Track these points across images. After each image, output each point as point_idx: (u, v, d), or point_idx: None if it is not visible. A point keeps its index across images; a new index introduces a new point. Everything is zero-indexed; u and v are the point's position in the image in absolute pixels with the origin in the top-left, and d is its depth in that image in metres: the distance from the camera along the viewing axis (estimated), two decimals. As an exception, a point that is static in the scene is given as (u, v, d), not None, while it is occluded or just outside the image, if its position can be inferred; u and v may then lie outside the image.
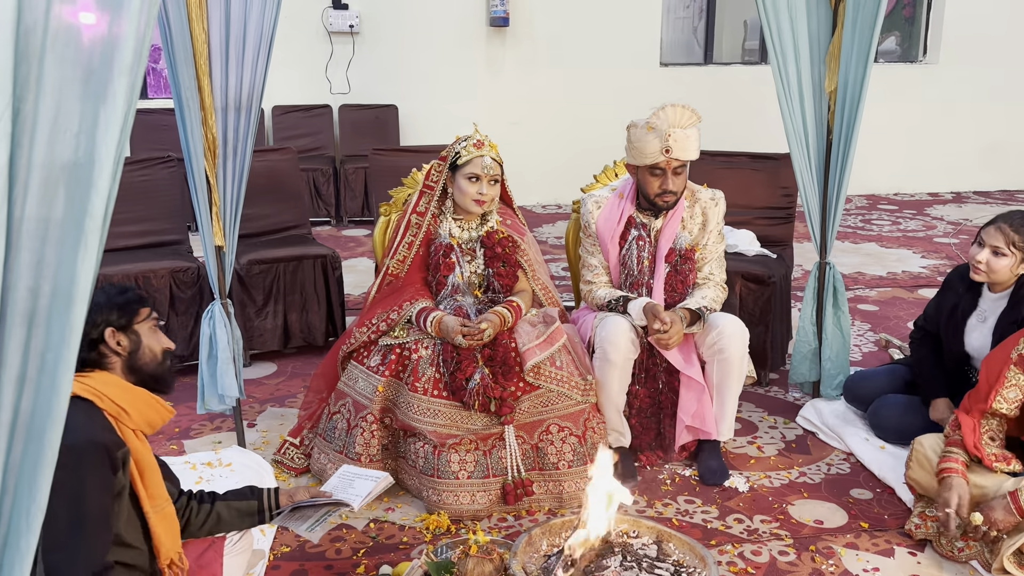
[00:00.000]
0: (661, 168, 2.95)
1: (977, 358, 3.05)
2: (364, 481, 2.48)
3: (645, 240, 3.10)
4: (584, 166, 4.40)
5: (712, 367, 3.05)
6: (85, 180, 1.12)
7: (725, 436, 3.13)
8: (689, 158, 2.94)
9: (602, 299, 3.11)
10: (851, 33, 3.19)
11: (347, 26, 7.46)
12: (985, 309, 3.02)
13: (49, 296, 1.13)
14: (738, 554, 2.64)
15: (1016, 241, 2.82)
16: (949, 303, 3.13)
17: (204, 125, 2.89)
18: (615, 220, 3.11)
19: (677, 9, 9.27)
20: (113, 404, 1.83)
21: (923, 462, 2.71)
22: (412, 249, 3.10)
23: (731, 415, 3.12)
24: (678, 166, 2.95)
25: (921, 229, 7.18)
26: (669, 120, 2.88)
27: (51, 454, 1.15)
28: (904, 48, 8.98)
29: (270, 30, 2.96)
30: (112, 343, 1.92)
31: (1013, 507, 2.44)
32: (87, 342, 1.87)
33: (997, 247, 2.84)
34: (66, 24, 1.11)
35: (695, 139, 2.93)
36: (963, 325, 3.07)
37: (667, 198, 3.02)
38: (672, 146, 2.88)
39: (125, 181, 4.17)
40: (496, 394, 2.79)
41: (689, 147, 2.91)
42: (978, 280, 2.94)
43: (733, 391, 3.08)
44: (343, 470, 2.53)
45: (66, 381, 1.14)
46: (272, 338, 4.19)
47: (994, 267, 2.86)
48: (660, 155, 2.90)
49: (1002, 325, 2.92)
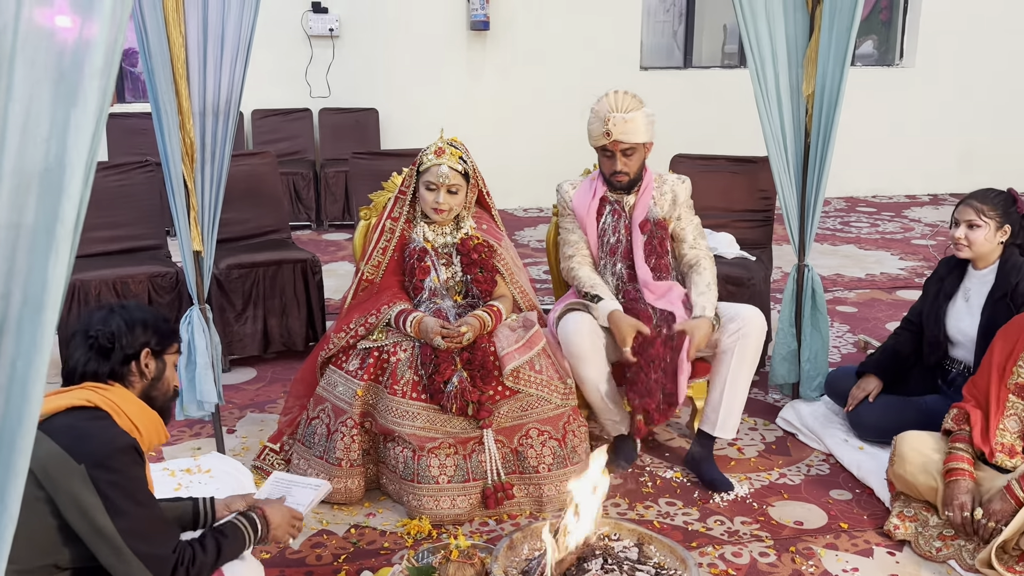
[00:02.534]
0: (609, 150, 3.06)
1: (959, 343, 3.09)
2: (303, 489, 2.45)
3: (620, 213, 3.16)
4: (564, 170, 4.40)
5: (731, 355, 3.03)
6: (56, 185, 1.11)
7: (730, 434, 3.11)
8: (632, 141, 3.03)
9: (582, 283, 3.14)
10: (828, 37, 3.21)
11: (327, 30, 7.44)
12: (969, 288, 3.08)
13: (20, 303, 1.12)
14: (719, 556, 2.64)
15: (985, 210, 2.95)
16: (933, 289, 3.20)
17: (182, 129, 2.87)
18: (589, 197, 3.20)
19: (657, 13, 9.31)
20: (129, 421, 1.89)
21: (905, 458, 2.74)
22: (386, 254, 3.09)
23: (739, 411, 3.10)
24: (625, 148, 3.04)
25: (899, 231, 7.25)
26: (609, 105, 3.02)
27: (22, 463, 1.13)
28: (881, 52, 9.06)
29: (248, 34, 2.95)
30: (143, 363, 1.97)
31: (1010, 497, 2.49)
32: (122, 355, 1.93)
33: (970, 220, 2.97)
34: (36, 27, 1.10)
35: (638, 123, 3.01)
36: (945, 306, 3.11)
37: (619, 178, 3.11)
38: (612, 129, 3.00)
39: (102, 186, 4.20)
40: (474, 398, 2.79)
41: (630, 130, 3.01)
42: (963, 256, 3.03)
43: (744, 382, 3.07)
44: (276, 477, 2.50)
45: (37, 389, 1.13)
46: (252, 343, 4.16)
47: (973, 239, 2.97)
48: (603, 138, 3.04)
49: (991, 302, 2.98)
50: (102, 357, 1.92)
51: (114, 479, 1.77)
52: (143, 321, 1.98)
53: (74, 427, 1.81)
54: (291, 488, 2.48)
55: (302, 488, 2.52)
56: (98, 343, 1.92)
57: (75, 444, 1.77)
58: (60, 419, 1.82)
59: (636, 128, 3.01)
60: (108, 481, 1.76)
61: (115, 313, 1.97)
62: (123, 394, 1.93)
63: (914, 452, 2.73)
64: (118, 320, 1.95)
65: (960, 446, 2.65)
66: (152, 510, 1.87)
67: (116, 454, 1.79)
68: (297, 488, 2.52)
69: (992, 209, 2.94)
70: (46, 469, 1.76)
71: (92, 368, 1.92)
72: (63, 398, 1.87)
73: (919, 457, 2.72)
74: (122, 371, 1.95)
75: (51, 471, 1.76)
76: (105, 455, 1.78)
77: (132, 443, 1.85)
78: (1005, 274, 2.96)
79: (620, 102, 3.02)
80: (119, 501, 1.77)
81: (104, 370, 1.92)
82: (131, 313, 1.99)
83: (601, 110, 3.03)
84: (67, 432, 1.79)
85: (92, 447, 1.78)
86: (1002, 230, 2.95)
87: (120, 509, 1.77)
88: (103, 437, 1.81)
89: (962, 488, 2.58)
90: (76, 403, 1.85)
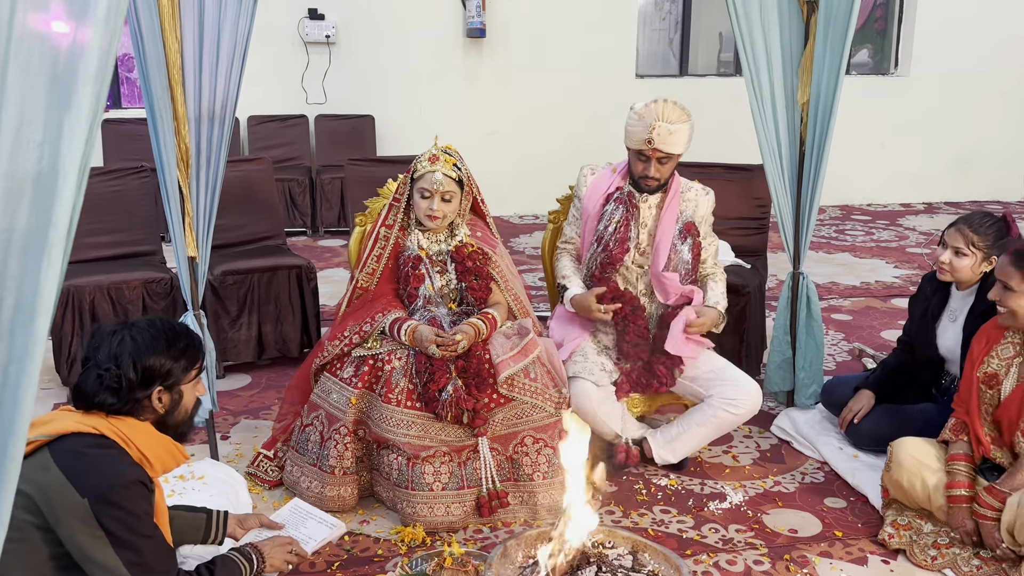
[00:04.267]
0: (645, 155, 3.07)
1: (950, 359, 3.11)
2: (319, 525, 2.45)
3: (624, 202, 3.17)
4: (560, 177, 4.41)
5: (709, 412, 3.09)
6: (49, 190, 1.11)
7: (666, 460, 3.17)
8: (671, 151, 3.04)
9: (557, 273, 3.28)
10: (823, 46, 3.22)
11: (323, 36, 7.44)
12: (955, 308, 3.08)
13: (12, 308, 1.11)
14: (713, 564, 2.64)
15: (975, 241, 2.91)
16: (920, 309, 3.20)
17: (177, 135, 2.87)
18: (603, 188, 3.22)
19: (653, 21, 9.34)
20: (138, 452, 1.88)
21: (900, 465, 2.74)
22: (380, 262, 3.08)
23: (683, 455, 3.18)
24: (661, 156, 3.05)
25: (894, 239, 7.26)
26: (657, 113, 3.01)
27: (13, 469, 1.13)
28: (876, 60, 9.10)
29: (244, 40, 2.95)
30: (155, 401, 1.95)
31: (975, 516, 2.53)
32: (133, 397, 1.90)
33: (958, 247, 2.94)
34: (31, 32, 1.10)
35: (681, 135, 3.02)
36: (934, 327, 3.12)
37: (649, 183, 3.13)
38: (654, 138, 3.00)
39: (98, 191, 4.20)
40: (469, 406, 2.78)
41: (671, 141, 3.02)
42: (943, 280, 3.03)
43: (706, 440, 3.19)
44: (295, 504, 2.49)
45: (29, 395, 1.12)
46: (246, 349, 4.15)
47: (956, 267, 2.95)
48: (644, 144, 3.03)
49: (971, 319, 2.98)
50: (113, 394, 1.88)
51: (118, 514, 1.77)
52: (154, 355, 1.91)
53: (80, 455, 1.79)
54: (307, 520, 2.48)
55: (318, 523, 2.52)
56: (107, 382, 1.87)
57: (80, 476, 1.75)
58: (68, 443, 1.80)
59: (678, 140, 3.03)
60: (111, 516, 1.76)
61: (124, 345, 1.89)
62: (133, 426, 1.90)
63: (910, 458, 2.73)
64: (126, 357, 1.88)
65: (960, 467, 2.65)
66: (156, 541, 1.86)
67: (120, 489, 1.78)
68: (313, 522, 2.52)
69: (983, 240, 2.90)
70: (49, 499, 1.75)
71: (102, 401, 1.88)
72: (71, 421, 1.84)
73: (915, 464, 2.72)
74: (134, 408, 1.92)
75: (54, 502, 1.74)
76: (109, 489, 1.77)
77: (138, 477, 1.84)
78: (985, 293, 2.96)
79: (668, 112, 3.00)
80: (123, 535, 1.77)
81: (116, 406, 1.89)
82: (140, 347, 1.90)
83: (648, 116, 3.00)
84: (73, 460, 1.77)
85: (96, 481, 1.76)
86: (987, 262, 2.92)
87: (125, 542, 1.77)
88: (108, 471, 1.80)
89: (966, 514, 2.60)
90: (84, 429, 1.83)
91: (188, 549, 2.24)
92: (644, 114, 3.02)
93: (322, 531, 2.41)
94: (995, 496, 2.53)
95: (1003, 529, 2.50)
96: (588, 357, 3.10)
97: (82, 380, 1.90)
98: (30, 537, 1.76)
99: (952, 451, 2.70)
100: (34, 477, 1.73)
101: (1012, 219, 2.97)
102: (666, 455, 3.16)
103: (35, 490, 1.74)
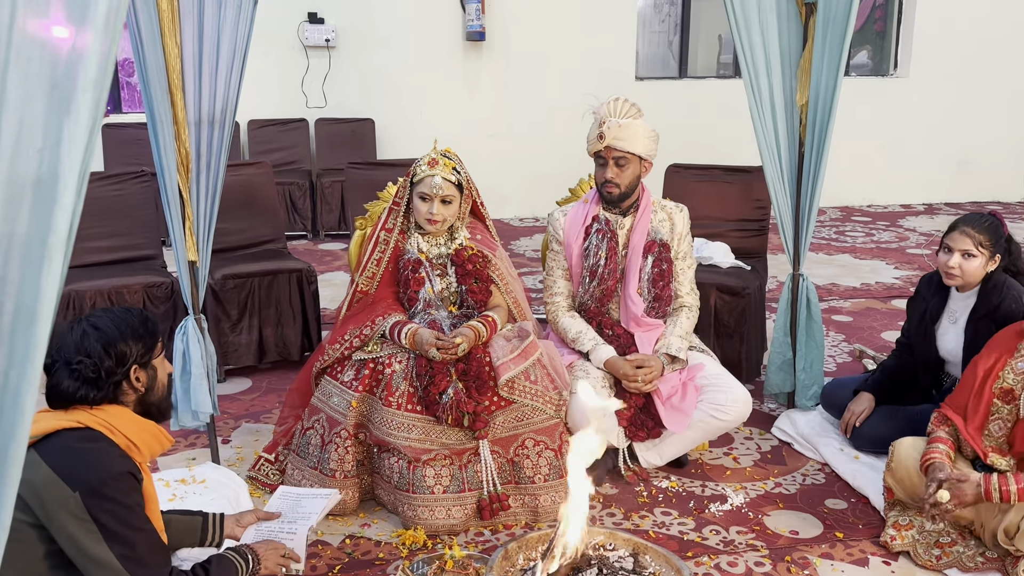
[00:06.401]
0: (603, 157, 3.06)
1: (951, 361, 3.11)
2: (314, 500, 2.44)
3: (605, 232, 3.14)
4: (560, 179, 4.41)
5: (697, 416, 3.07)
6: (49, 196, 1.11)
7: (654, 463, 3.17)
8: (625, 149, 3.02)
9: (566, 335, 3.19)
10: (821, 47, 3.23)
11: (323, 40, 7.45)
12: (955, 310, 3.08)
13: (12, 313, 1.11)
14: (714, 566, 2.64)
15: (983, 241, 2.90)
16: (918, 311, 3.19)
17: (177, 139, 2.87)
18: (580, 221, 3.20)
19: (652, 23, 9.35)
20: (125, 439, 1.88)
21: (902, 463, 2.73)
22: (380, 266, 3.09)
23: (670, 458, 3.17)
24: (618, 156, 3.03)
25: (894, 240, 7.26)
26: (607, 110, 3.04)
27: (14, 473, 1.13)
28: (875, 62, 9.10)
29: (244, 44, 2.95)
30: (133, 380, 1.94)
31: (982, 488, 2.46)
32: (111, 381, 1.89)
33: (967, 250, 2.91)
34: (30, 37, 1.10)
35: (632, 131, 3.01)
36: (934, 329, 3.12)
37: (610, 188, 3.09)
38: (605, 132, 3.00)
39: (98, 196, 4.20)
40: (469, 408, 2.78)
41: (623, 136, 3.00)
42: (952, 284, 3.00)
43: (693, 444, 3.20)
44: (283, 491, 2.49)
45: (30, 400, 1.12)
46: (247, 353, 4.16)
47: (967, 270, 2.92)
48: (597, 142, 3.03)
49: (973, 320, 2.98)
50: (91, 385, 1.87)
51: (109, 507, 1.76)
52: (120, 337, 1.91)
53: (69, 450, 1.78)
54: (300, 500, 2.47)
55: (311, 499, 2.51)
56: (83, 375, 1.86)
57: (69, 470, 1.75)
58: (55, 440, 1.80)
59: (631, 136, 3.01)
60: (103, 509, 1.75)
61: (88, 335, 1.88)
62: (116, 412, 1.90)
63: (910, 459, 2.73)
64: (94, 344, 1.87)
65: (938, 444, 2.62)
66: (148, 534, 1.86)
67: (111, 481, 1.78)
68: (306, 499, 2.51)
69: (988, 239, 2.89)
70: (39, 496, 1.74)
71: (84, 395, 1.87)
72: (54, 419, 1.84)
73: (915, 463, 2.72)
74: (115, 393, 1.91)
75: (44, 498, 1.74)
76: (100, 482, 1.76)
77: (128, 468, 1.83)
78: (987, 294, 2.95)
79: (618, 108, 3.03)
80: (115, 528, 1.76)
81: (97, 396, 1.88)
82: (105, 332, 1.90)
83: (599, 114, 3.06)
84: (62, 456, 1.77)
85: (86, 473, 1.76)
86: (993, 260, 2.92)
87: (117, 536, 1.76)
88: (98, 463, 1.79)
89: (937, 468, 2.54)
90: (68, 425, 1.83)
91: (186, 552, 2.24)
92: (595, 113, 3.07)
93: (319, 503, 2.41)
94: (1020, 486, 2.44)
95: (1001, 527, 2.49)
96: (590, 373, 3.07)
97: (55, 382, 1.87)
98: (24, 536, 1.76)
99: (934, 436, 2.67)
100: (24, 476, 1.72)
101: (1001, 217, 3.00)
102: (652, 458, 3.16)
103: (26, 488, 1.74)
